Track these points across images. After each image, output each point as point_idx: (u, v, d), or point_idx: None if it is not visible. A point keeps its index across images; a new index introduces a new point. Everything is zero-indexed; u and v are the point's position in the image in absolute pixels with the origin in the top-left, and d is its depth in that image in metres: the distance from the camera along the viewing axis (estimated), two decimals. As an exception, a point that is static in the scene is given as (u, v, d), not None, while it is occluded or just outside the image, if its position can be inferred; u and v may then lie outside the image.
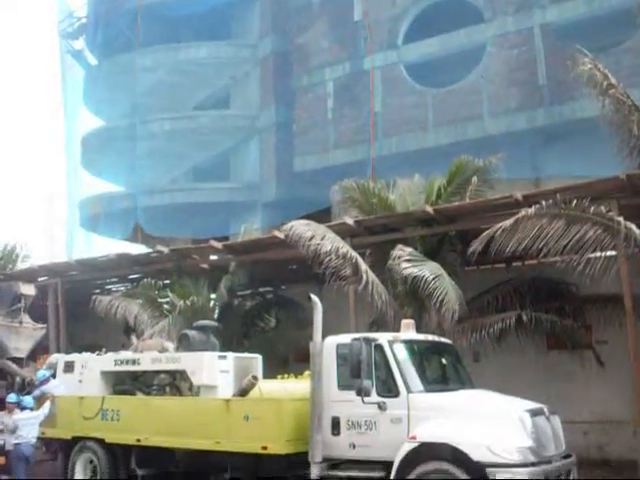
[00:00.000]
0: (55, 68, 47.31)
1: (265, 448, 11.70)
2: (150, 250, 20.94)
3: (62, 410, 15.09)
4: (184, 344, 14.53)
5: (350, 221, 15.92)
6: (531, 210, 13.05)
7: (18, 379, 17.83)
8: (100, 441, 14.25)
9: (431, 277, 13.79)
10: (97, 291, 23.74)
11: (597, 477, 13.71)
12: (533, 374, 16.02)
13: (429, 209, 15.08)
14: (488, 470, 9.93)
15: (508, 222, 13.07)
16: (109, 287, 24.33)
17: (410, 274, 13.88)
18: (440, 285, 13.78)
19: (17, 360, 18.89)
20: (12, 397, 15.62)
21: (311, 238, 14.33)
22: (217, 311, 18.91)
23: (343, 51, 27.26)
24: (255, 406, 12.35)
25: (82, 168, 33.89)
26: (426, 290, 13.80)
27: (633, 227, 12.51)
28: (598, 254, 12.95)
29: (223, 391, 13.38)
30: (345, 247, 14.53)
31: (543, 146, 23.51)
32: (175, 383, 14.74)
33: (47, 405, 15.02)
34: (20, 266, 25.32)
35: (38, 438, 15.04)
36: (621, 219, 12.63)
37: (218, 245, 18.44)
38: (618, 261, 13.14)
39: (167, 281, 19.99)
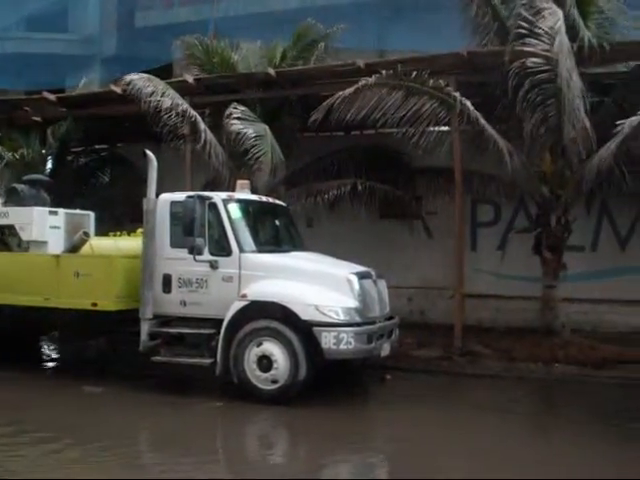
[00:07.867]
0: None
1: (95, 305, 11.57)
2: (-23, 101, 19.65)
3: None
4: (13, 198, 13.93)
5: (190, 79, 15.53)
6: (371, 79, 13.09)
7: None
8: None
9: (252, 135, 13.73)
10: None
11: (417, 337, 14.48)
12: (364, 241, 16.40)
13: (271, 71, 14.94)
14: (315, 329, 10.25)
15: (348, 91, 13.07)
16: None
17: (234, 130, 13.79)
18: (260, 145, 13.76)
19: None
20: None
21: (152, 94, 13.91)
22: (49, 167, 18.22)
23: None
24: (85, 262, 12.12)
25: None
26: (243, 147, 13.80)
27: (468, 103, 12.91)
28: (433, 128, 13.31)
29: (54, 247, 13.04)
30: (184, 105, 14.26)
31: (391, 19, 23.48)
32: (3, 239, 14.17)
33: None
34: None
35: None
36: (457, 94, 12.96)
37: (52, 97, 17.48)
38: (451, 135, 13.60)
39: (-5, 134, 19.00)
